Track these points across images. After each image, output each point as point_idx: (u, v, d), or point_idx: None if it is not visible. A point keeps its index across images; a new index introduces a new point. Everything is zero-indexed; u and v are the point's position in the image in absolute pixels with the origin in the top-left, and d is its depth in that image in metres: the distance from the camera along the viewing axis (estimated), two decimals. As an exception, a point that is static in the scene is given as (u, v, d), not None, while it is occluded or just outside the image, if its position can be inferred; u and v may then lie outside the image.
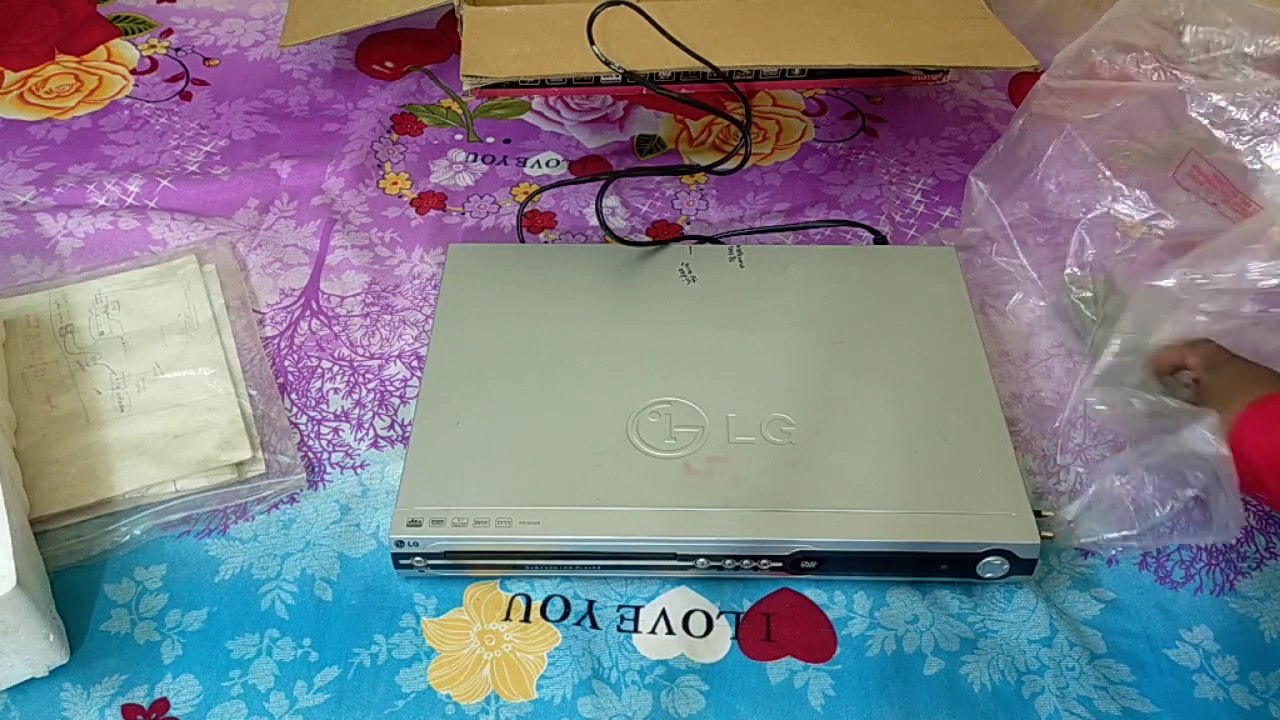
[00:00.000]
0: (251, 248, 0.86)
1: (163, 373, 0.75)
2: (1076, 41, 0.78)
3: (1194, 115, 0.74)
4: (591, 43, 0.80)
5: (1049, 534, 0.64)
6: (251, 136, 0.97)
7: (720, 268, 0.80)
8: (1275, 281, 0.66)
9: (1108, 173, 0.76)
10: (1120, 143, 0.77)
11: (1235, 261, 0.67)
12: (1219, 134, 0.73)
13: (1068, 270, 0.77)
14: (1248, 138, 0.72)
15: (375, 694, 0.62)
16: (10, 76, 1.02)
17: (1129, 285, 0.72)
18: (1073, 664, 0.64)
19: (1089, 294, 0.76)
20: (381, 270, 0.85)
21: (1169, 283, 0.68)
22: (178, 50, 1.05)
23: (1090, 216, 0.76)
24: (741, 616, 0.66)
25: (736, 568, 0.65)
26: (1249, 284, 0.67)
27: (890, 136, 0.98)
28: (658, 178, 0.93)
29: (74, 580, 0.66)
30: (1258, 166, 0.72)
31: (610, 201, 0.91)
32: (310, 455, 0.73)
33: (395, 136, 0.97)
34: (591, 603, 0.66)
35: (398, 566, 0.66)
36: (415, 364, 0.79)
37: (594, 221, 0.88)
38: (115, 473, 0.69)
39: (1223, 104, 0.73)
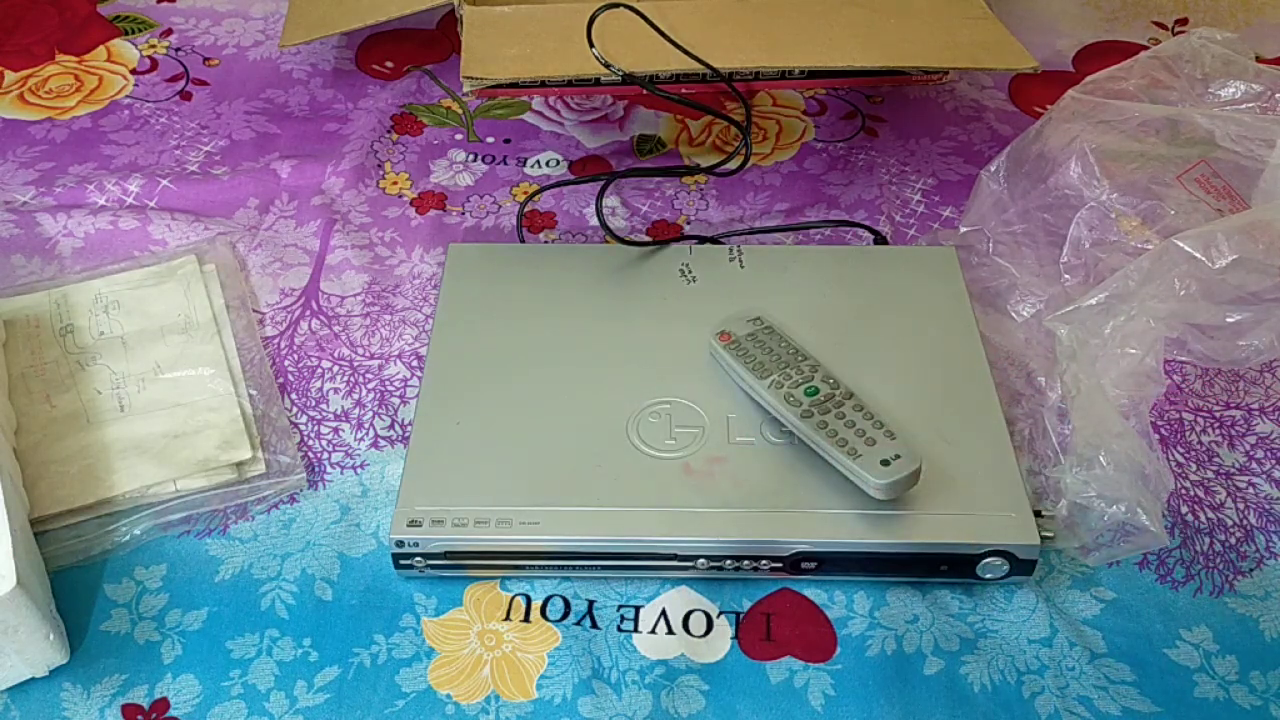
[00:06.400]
0: (251, 248, 0.86)
1: (163, 373, 0.75)
2: (1114, 67, 0.80)
3: (1209, 131, 0.74)
4: (591, 46, 0.80)
5: (1049, 534, 0.64)
6: (251, 136, 0.97)
7: (720, 268, 0.80)
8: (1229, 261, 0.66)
9: (1110, 169, 0.76)
10: (1129, 146, 0.77)
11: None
12: (1235, 147, 0.74)
13: (1063, 259, 0.77)
14: (1260, 148, 0.73)
15: (375, 694, 0.62)
16: (10, 76, 1.02)
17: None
18: (1073, 664, 0.64)
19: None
20: (381, 270, 0.85)
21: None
22: (178, 50, 1.05)
23: (1089, 205, 0.76)
24: (741, 616, 0.66)
25: (736, 568, 0.65)
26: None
27: (890, 136, 0.98)
28: (658, 178, 0.93)
29: (74, 580, 0.66)
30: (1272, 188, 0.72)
31: (610, 201, 0.91)
32: (310, 455, 0.73)
33: (395, 136, 0.97)
34: (591, 603, 0.66)
35: (398, 566, 0.66)
36: (415, 364, 0.79)
37: (594, 221, 0.88)
38: (115, 473, 0.69)
39: (1242, 126, 0.73)
